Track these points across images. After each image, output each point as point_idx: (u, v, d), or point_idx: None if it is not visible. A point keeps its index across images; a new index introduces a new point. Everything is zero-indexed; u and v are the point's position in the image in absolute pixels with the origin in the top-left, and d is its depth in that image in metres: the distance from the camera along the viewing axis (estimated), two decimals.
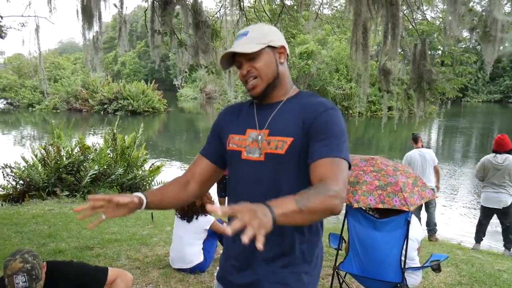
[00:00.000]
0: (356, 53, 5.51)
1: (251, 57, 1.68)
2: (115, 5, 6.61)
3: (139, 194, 1.72)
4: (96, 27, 6.34)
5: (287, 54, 1.77)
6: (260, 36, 1.71)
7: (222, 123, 1.87)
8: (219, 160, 1.86)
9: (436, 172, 7.23)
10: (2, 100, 39.50)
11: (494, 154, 6.41)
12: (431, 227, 7.20)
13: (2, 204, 9.04)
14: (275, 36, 1.74)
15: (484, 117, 36.02)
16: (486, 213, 6.66)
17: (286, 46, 1.77)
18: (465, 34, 7.47)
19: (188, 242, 4.33)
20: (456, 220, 9.32)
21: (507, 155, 6.31)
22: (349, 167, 1.59)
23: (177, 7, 6.32)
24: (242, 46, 1.68)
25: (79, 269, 2.48)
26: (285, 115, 1.70)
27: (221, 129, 1.86)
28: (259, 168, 1.67)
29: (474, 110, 43.29)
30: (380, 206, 3.23)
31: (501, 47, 5.30)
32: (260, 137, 1.69)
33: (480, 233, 6.76)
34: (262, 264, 1.69)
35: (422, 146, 7.36)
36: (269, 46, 1.71)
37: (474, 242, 6.86)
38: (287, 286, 1.66)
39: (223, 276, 1.84)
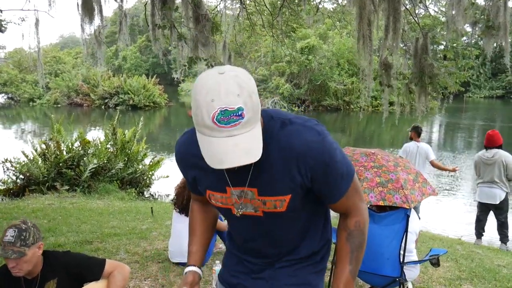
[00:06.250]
0: (363, 47, 5.45)
1: None
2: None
3: (192, 269, 1.70)
4: (97, 21, 6.32)
5: None
6: (255, 111, 1.26)
7: (190, 173, 1.61)
8: None
9: (434, 165, 7.12)
10: (3, 94, 39.52)
11: (485, 150, 6.46)
12: None
13: (2, 199, 9.06)
14: (257, 103, 1.28)
15: (485, 113, 35.91)
16: (483, 209, 6.70)
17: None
18: (468, 29, 7.42)
19: (186, 236, 4.29)
20: (456, 215, 9.29)
21: (497, 150, 6.33)
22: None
23: (178, 0, 6.30)
24: (246, 149, 1.24)
25: (76, 260, 2.48)
26: (268, 167, 1.42)
27: (193, 178, 1.61)
28: (256, 221, 1.55)
29: (476, 105, 43.19)
30: (381, 203, 3.21)
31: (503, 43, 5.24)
32: (248, 194, 1.48)
33: (479, 229, 6.79)
34: (280, 269, 1.66)
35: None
36: None
37: (474, 237, 6.87)
38: (310, 285, 1.66)
39: (230, 282, 1.76)
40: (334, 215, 1.74)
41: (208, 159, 1.25)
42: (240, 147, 1.22)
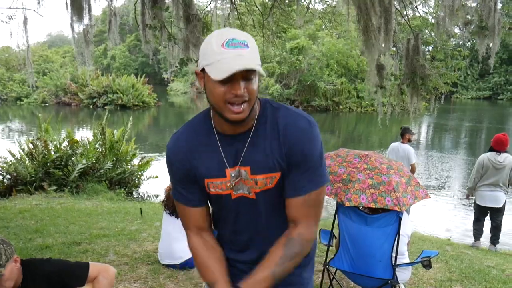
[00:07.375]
0: (372, 43, 5.41)
1: (251, 77, 1.41)
2: None
3: None
4: (86, 20, 6.23)
5: None
6: (257, 51, 1.44)
7: (187, 166, 1.60)
8: (206, 199, 1.69)
9: (412, 170, 6.92)
10: None
11: (494, 152, 6.26)
12: None
13: None
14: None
15: (473, 114, 36.21)
16: (482, 211, 6.55)
17: None
18: (456, 30, 7.47)
19: (177, 238, 4.26)
20: (444, 216, 9.35)
21: (507, 154, 6.23)
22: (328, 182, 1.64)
23: (168, 0, 6.23)
24: (252, 61, 1.39)
25: (58, 267, 2.39)
26: (261, 145, 1.53)
27: (191, 172, 1.61)
28: (251, 204, 1.60)
29: (463, 106, 43.52)
30: (372, 205, 3.19)
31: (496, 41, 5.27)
32: (242, 174, 1.55)
33: (478, 230, 6.66)
34: None
35: (410, 141, 7.08)
36: None
37: (463, 238, 6.85)
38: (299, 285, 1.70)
39: None
40: (323, 217, 1.73)
41: (219, 73, 1.37)
42: (246, 58, 1.38)
